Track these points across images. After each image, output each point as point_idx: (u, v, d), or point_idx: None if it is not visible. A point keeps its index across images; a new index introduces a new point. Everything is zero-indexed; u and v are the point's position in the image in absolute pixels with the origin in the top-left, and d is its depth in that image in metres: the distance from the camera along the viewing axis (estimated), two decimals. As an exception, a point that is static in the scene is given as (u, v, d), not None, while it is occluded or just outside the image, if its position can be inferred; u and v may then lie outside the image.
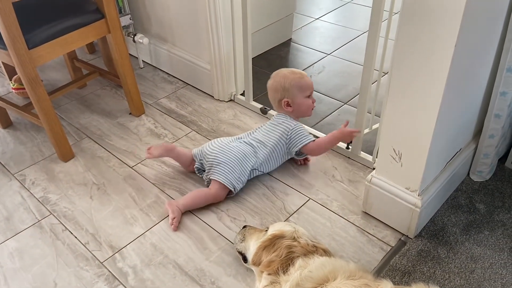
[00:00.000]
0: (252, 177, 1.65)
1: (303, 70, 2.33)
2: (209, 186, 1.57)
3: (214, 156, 1.58)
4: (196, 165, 1.64)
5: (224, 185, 1.54)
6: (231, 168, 1.55)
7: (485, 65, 1.33)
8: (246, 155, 1.59)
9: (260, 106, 2.03)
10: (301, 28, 2.77)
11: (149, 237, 1.47)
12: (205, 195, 1.54)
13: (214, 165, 1.56)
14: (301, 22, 2.83)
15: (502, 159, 1.65)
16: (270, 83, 1.69)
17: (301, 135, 1.63)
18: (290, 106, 1.65)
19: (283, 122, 1.66)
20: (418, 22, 1.08)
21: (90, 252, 1.43)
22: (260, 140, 1.64)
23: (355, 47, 2.54)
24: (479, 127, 1.53)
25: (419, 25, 1.08)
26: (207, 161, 1.59)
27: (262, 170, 1.65)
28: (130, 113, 2.04)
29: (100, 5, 1.72)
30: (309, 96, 1.66)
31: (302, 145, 1.61)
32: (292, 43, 2.61)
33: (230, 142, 1.63)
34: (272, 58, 2.47)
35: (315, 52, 2.51)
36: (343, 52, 2.50)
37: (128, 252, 1.43)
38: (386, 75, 2.04)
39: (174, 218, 1.48)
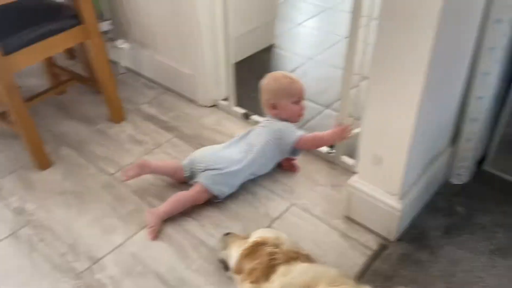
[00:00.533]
0: (245, 180, 1.63)
1: (285, 75, 2.34)
2: (190, 188, 1.55)
3: (204, 162, 1.57)
4: (186, 175, 1.61)
5: (206, 188, 1.52)
6: (218, 173, 1.54)
7: (462, 69, 1.35)
8: (236, 160, 1.58)
9: (243, 111, 2.02)
10: (283, 33, 2.78)
11: (128, 246, 1.44)
12: (185, 199, 1.52)
13: (203, 171, 1.55)
14: (283, 27, 2.83)
15: (480, 162, 1.67)
16: (263, 84, 1.70)
17: (291, 131, 1.62)
18: (275, 109, 1.65)
19: (270, 123, 1.66)
20: (395, 28, 1.09)
21: (68, 263, 1.40)
22: (250, 143, 1.63)
23: (337, 52, 2.55)
24: (457, 130, 1.55)
25: (396, 31, 1.09)
26: (197, 169, 1.58)
27: (255, 173, 1.64)
28: (110, 120, 2.01)
29: (78, 10, 1.69)
30: (297, 102, 1.65)
31: (294, 139, 1.61)
32: (274, 48, 2.61)
33: (221, 149, 1.63)
34: (255, 63, 2.46)
35: (298, 57, 2.51)
36: (325, 57, 2.51)
37: (107, 263, 1.40)
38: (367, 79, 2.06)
39: (152, 227, 1.46)
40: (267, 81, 1.68)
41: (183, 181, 1.63)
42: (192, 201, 1.53)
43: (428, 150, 1.41)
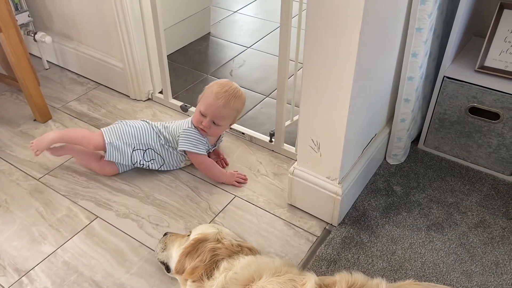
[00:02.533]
0: (147, 167, 1.58)
1: (223, 64, 2.29)
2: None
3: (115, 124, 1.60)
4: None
5: (103, 136, 1.53)
6: (119, 129, 1.56)
7: (392, 51, 1.37)
8: (141, 129, 1.57)
9: (180, 103, 1.94)
10: (219, 21, 2.71)
11: (60, 255, 1.34)
12: (83, 133, 1.58)
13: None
14: (219, 16, 2.77)
15: (415, 141, 1.73)
16: (213, 86, 1.56)
17: (184, 139, 1.55)
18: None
19: (185, 121, 1.60)
20: (323, 14, 1.07)
21: (-8, 279, 1.27)
22: (164, 127, 1.60)
23: (274, 40, 2.53)
24: (391, 112, 1.58)
25: (324, 17, 1.08)
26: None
27: (155, 160, 1.58)
28: (34, 120, 1.85)
29: (-14, 0, 1.52)
30: (203, 115, 1.53)
31: (182, 148, 1.55)
32: (211, 37, 2.55)
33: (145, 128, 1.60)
34: (191, 53, 2.39)
35: (235, 46, 2.47)
36: (263, 44, 2.49)
37: (36, 274, 1.29)
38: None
39: (33, 143, 1.53)
40: (214, 89, 1.54)
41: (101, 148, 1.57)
42: (88, 139, 1.55)
43: (365, 133, 1.42)
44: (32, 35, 2.05)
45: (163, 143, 1.58)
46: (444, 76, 1.51)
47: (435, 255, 1.33)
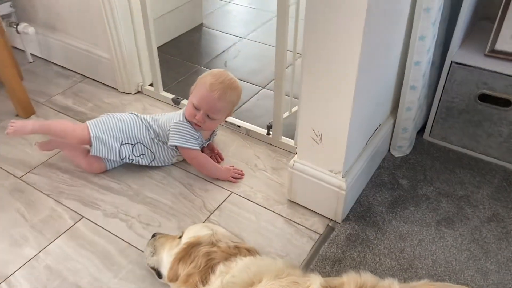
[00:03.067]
0: (137, 162, 1.49)
1: (217, 55, 2.19)
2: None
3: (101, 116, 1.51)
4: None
5: (89, 130, 1.43)
6: (106, 122, 1.46)
7: (398, 35, 1.28)
8: (129, 122, 1.47)
9: (172, 96, 1.84)
10: (212, 11, 2.61)
11: (43, 258, 1.24)
12: (66, 125, 1.47)
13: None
14: (212, 6, 2.67)
15: (420, 132, 1.64)
16: (206, 77, 1.46)
17: (175, 133, 1.45)
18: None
19: (177, 113, 1.50)
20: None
21: (-32, 286, 1.17)
22: (154, 120, 1.50)
23: (269, 30, 2.43)
24: (396, 101, 1.50)
25: (326, 2, 0.98)
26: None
27: (145, 155, 1.49)
28: (17, 115, 1.75)
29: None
30: (196, 108, 1.43)
31: (172, 143, 1.45)
32: (204, 27, 2.44)
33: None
34: (183, 45, 2.28)
35: (229, 36, 2.37)
36: (258, 35, 2.39)
37: (17, 280, 1.19)
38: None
39: (14, 123, 1.45)
40: (208, 80, 1.43)
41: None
42: (71, 131, 1.45)
43: (369, 123, 1.33)
44: (15, 26, 1.94)
45: (153, 137, 1.48)
46: (452, 62, 1.43)
47: (447, 252, 1.24)
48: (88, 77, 1.98)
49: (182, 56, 2.19)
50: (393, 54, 1.31)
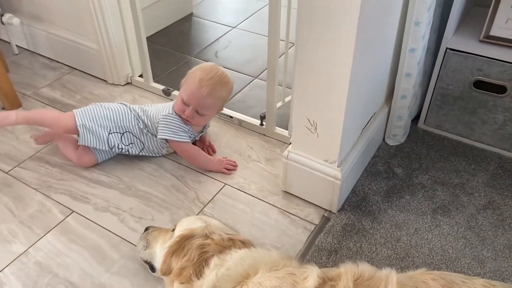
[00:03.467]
0: (126, 151, 1.46)
1: (208, 45, 2.15)
2: None
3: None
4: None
5: (75, 119, 1.39)
6: (93, 110, 1.43)
7: (393, 21, 1.25)
8: (117, 111, 1.44)
9: (162, 87, 1.80)
10: (202, 1, 2.56)
11: (32, 254, 1.21)
12: (52, 115, 1.44)
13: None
14: (202, -5, 2.62)
15: (415, 120, 1.62)
16: (196, 72, 1.41)
17: (164, 126, 1.41)
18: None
19: (166, 105, 1.46)
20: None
21: (-45, 285, 1.14)
22: (143, 110, 1.46)
23: (261, 19, 2.40)
24: (391, 89, 1.48)
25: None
26: None
27: (134, 144, 1.45)
28: (3, 108, 1.70)
29: None
30: (185, 103, 1.39)
31: (162, 136, 1.42)
32: (194, 17, 2.40)
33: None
34: (173, 35, 2.24)
35: (219, 26, 2.32)
36: (249, 24, 2.35)
37: (6, 277, 1.15)
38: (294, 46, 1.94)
39: None
40: (197, 75, 1.38)
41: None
42: (57, 121, 1.41)
43: (364, 111, 1.31)
44: (-1, 17, 1.88)
45: (142, 127, 1.44)
46: (447, 48, 1.41)
47: (443, 240, 1.23)
48: (76, 69, 1.93)
49: (172, 46, 2.15)
50: (388, 41, 1.29)
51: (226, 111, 1.68)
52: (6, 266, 1.18)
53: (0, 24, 1.92)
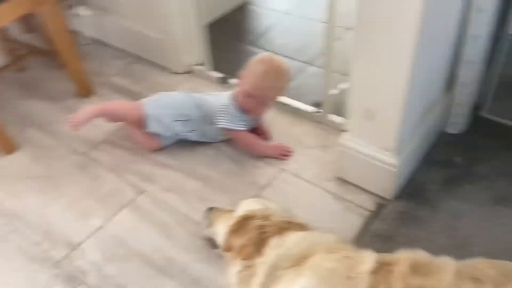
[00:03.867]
0: (188, 138, 1.55)
1: (263, 32, 2.19)
2: None
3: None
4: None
5: (145, 107, 1.49)
6: (159, 100, 1.53)
7: (456, 6, 1.23)
8: (180, 100, 1.53)
9: (221, 75, 1.88)
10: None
11: (109, 228, 1.34)
12: (123, 105, 1.55)
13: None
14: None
15: (477, 108, 1.58)
16: (258, 65, 1.45)
17: (222, 115, 1.48)
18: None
19: (224, 95, 1.53)
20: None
21: (44, 252, 1.29)
22: (204, 99, 1.54)
23: (315, 5, 2.38)
24: (452, 76, 1.44)
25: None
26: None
27: (196, 131, 1.54)
28: (77, 95, 1.85)
29: (24, -27, 1.50)
30: (250, 96, 1.45)
31: (219, 125, 1.49)
32: (249, 5, 2.44)
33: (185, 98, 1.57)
34: (229, 23, 2.30)
35: (274, 13, 2.35)
36: (304, 10, 2.35)
37: (86, 248, 1.29)
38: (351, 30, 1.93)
39: (73, 118, 1.49)
40: (264, 68, 1.43)
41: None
42: (131, 115, 1.51)
43: (424, 99, 1.30)
44: (72, 9, 2.03)
45: (203, 115, 1.53)
46: (511, 34, 1.35)
47: (504, 231, 1.21)
48: (141, 58, 2.05)
49: (228, 35, 2.21)
50: (451, 26, 1.26)
51: (280, 98, 1.73)
52: (87, 238, 1.32)
53: (73, 16, 2.07)
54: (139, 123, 1.53)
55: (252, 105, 1.46)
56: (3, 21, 1.51)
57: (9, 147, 1.61)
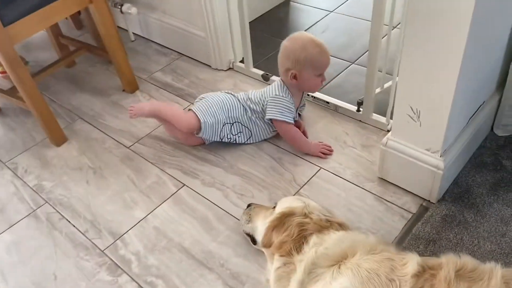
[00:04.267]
0: (234, 141, 1.56)
1: (305, 30, 2.18)
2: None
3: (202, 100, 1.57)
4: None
5: (198, 116, 1.49)
6: (210, 106, 1.52)
7: (509, 6, 1.17)
8: (228, 103, 1.53)
9: (261, 72, 1.89)
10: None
11: (151, 220, 1.38)
12: (177, 112, 1.55)
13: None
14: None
15: (529, 110, 1.50)
16: (285, 45, 1.49)
17: (272, 107, 1.49)
18: (296, 79, 1.48)
19: (272, 87, 1.53)
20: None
21: (90, 240, 1.34)
22: (249, 98, 1.55)
23: (359, 2, 2.35)
24: (503, 76, 1.38)
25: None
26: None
27: (242, 133, 1.55)
28: (123, 90, 1.91)
29: (77, -28, 1.56)
30: (320, 75, 1.49)
31: (269, 116, 1.50)
32: (291, 2, 2.43)
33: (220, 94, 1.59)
34: (271, 21, 2.30)
35: (317, 10, 2.33)
36: (347, 8, 2.32)
37: (130, 238, 1.34)
38: (396, 29, 1.88)
39: (133, 107, 1.57)
40: (291, 45, 1.47)
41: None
42: (180, 120, 1.52)
43: (472, 100, 1.25)
44: (119, 7, 2.10)
45: (250, 115, 1.54)
46: None
47: (557, 240, 1.15)
48: (184, 55, 2.09)
49: (270, 32, 2.22)
50: (504, 26, 1.21)
51: (322, 96, 1.71)
52: (130, 229, 1.36)
53: (119, 13, 2.14)
54: (190, 130, 1.53)
55: (302, 83, 1.49)
56: (57, 18, 1.59)
57: (60, 139, 1.69)
